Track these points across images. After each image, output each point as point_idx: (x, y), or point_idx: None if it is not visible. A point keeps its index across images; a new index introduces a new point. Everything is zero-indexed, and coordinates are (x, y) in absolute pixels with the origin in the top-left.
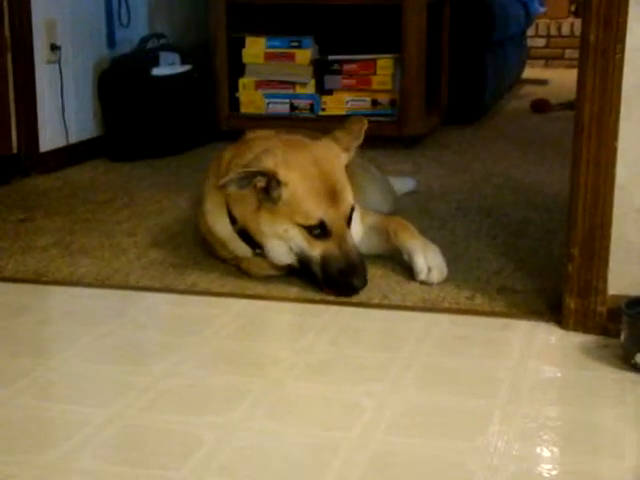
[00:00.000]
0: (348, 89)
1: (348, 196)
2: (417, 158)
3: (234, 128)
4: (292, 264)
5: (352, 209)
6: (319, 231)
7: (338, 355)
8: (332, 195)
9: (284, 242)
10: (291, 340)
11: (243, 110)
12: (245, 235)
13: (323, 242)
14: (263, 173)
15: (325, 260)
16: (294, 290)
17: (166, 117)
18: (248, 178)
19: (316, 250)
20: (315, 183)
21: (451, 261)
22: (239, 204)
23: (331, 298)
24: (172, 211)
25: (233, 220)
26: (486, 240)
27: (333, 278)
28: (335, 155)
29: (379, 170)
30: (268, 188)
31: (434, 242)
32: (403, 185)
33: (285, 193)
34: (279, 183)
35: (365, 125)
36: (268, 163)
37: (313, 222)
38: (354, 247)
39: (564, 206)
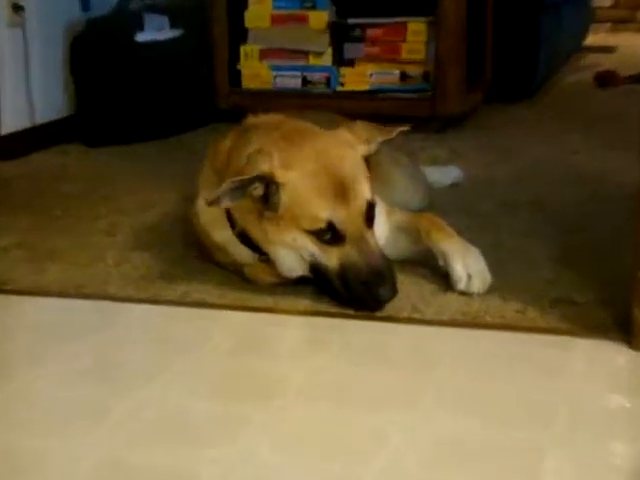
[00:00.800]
0: (372, 59)
1: (362, 190)
2: (454, 143)
3: (235, 106)
4: (306, 275)
5: (371, 205)
6: (330, 235)
7: (358, 378)
8: (341, 191)
9: (294, 251)
10: (302, 360)
11: (246, 85)
12: (247, 239)
13: (339, 248)
14: (259, 178)
15: (344, 269)
16: (306, 301)
17: (153, 93)
18: (242, 187)
19: (333, 258)
20: (318, 179)
21: (495, 267)
22: (239, 207)
23: (351, 311)
24: (160, 206)
25: (232, 221)
26: (538, 241)
27: (356, 290)
28: (346, 145)
29: (410, 158)
30: (267, 195)
31: (475, 244)
32: (446, 175)
33: (285, 196)
34: (277, 187)
35: (405, 128)
36: (263, 166)
37: (320, 225)
38: (378, 250)
39: (634, 199)
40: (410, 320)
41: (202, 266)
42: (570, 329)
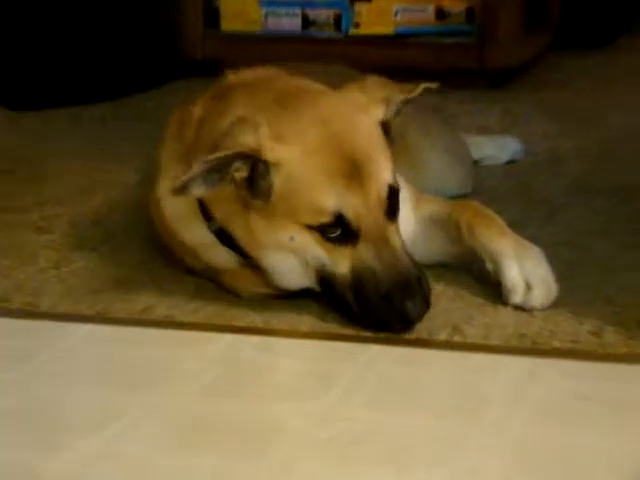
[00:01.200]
0: None
1: (381, 171)
2: (510, 105)
3: (212, 56)
4: (312, 287)
5: (393, 191)
6: (339, 232)
7: (379, 424)
8: (353, 172)
9: (293, 255)
10: (304, 399)
11: (226, 27)
12: (228, 236)
13: (352, 249)
14: (242, 156)
15: (358, 277)
16: (309, 319)
17: (99, 38)
18: (220, 169)
19: (342, 264)
20: (323, 157)
21: (565, 273)
22: (217, 195)
23: (369, 333)
24: (109, 191)
25: (207, 213)
26: (623, 239)
27: (373, 305)
28: (358, 109)
29: (447, 126)
30: (253, 178)
31: (536, 243)
32: (502, 149)
33: (278, 180)
34: (268, 167)
35: (431, 86)
36: (247, 138)
37: (326, 219)
38: (403, 252)
39: None
40: (449, 345)
41: (169, 271)
42: None
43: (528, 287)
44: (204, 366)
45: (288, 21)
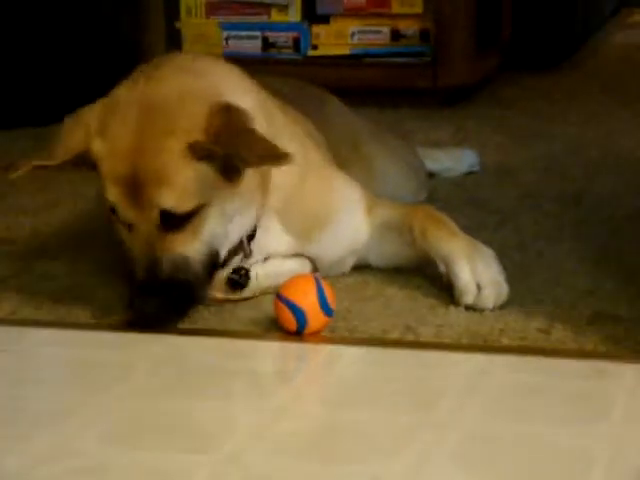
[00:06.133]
0: (354, 14)
1: (160, 196)
2: (463, 122)
3: None
4: None
5: (168, 215)
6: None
7: (333, 419)
8: (133, 186)
9: None
10: (256, 397)
11: (188, 49)
12: None
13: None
14: (76, 158)
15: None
16: (263, 319)
17: (57, 57)
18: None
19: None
20: (117, 163)
21: (515, 274)
22: None
23: (324, 333)
24: (71, 203)
25: None
26: (571, 243)
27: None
28: (172, 130)
29: (403, 140)
30: None
31: (489, 246)
32: (461, 161)
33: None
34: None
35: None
36: (77, 137)
37: (109, 203)
38: (173, 258)
39: None
40: (401, 344)
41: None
42: (613, 352)
43: (479, 288)
44: (156, 365)
45: (248, 44)
